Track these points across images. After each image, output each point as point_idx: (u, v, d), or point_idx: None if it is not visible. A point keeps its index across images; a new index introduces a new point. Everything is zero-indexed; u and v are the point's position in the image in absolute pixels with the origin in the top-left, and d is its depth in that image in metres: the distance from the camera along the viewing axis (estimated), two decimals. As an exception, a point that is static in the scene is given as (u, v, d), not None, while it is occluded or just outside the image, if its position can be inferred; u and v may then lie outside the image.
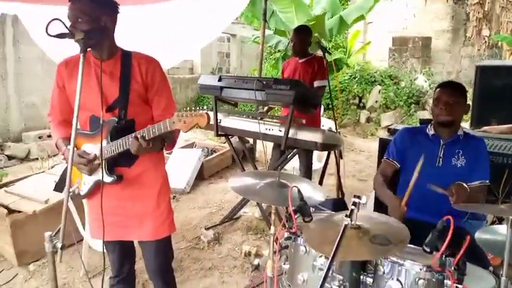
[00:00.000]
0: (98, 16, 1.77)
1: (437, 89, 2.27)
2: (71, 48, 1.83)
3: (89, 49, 1.79)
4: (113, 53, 1.90)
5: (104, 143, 1.86)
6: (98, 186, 1.93)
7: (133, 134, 1.77)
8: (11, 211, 3.17)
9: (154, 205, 2.01)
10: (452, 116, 2.22)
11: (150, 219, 2.01)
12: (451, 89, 2.24)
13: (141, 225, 2.01)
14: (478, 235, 1.71)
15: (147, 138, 1.74)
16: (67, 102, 1.97)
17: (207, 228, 3.84)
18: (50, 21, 1.55)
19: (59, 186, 2.07)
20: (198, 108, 1.68)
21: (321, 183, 3.81)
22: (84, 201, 2.27)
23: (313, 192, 1.95)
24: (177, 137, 1.97)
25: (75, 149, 1.78)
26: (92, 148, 1.91)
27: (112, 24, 1.86)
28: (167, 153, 5.08)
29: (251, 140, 5.65)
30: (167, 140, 1.90)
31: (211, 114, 1.76)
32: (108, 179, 1.91)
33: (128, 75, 1.88)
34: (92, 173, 1.91)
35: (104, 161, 1.87)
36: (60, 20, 1.59)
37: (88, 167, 1.88)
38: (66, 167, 1.72)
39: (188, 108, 1.66)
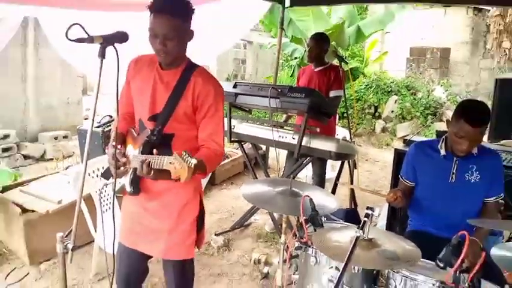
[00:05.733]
0: (185, 30, 1.76)
1: (462, 119, 2.01)
2: (88, 52, 1.81)
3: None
4: (177, 63, 1.84)
5: (136, 151, 1.82)
6: (124, 190, 1.92)
7: (141, 157, 1.70)
8: (24, 210, 3.20)
9: (172, 225, 1.93)
10: (472, 148, 2.13)
11: (165, 238, 1.94)
12: (477, 125, 2.01)
13: (155, 241, 1.95)
14: (494, 251, 1.66)
15: (152, 167, 1.65)
16: (130, 97, 1.97)
17: (217, 234, 3.82)
18: (70, 26, 1.51)
19: (106, 174, 2.04)
20: (187, 156, 1.48)
21: (333, 192, 3.78)
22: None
23: (325, 201, 1.94)
24: (211, 167, 1.74)
25: (120, 146, 1.84)
26: (131, 151, 1.88)
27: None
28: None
29: (264, 147, 5.64)
30: None
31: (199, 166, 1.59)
32: (128, 188, 1.88)
33: (180, 91, 1.81)
34: (119, 176, 1.86)
35: (131, 170, 1.85)
36: (80, 25, 1.55)
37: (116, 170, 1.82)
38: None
39: (185, 154, 1.48)
